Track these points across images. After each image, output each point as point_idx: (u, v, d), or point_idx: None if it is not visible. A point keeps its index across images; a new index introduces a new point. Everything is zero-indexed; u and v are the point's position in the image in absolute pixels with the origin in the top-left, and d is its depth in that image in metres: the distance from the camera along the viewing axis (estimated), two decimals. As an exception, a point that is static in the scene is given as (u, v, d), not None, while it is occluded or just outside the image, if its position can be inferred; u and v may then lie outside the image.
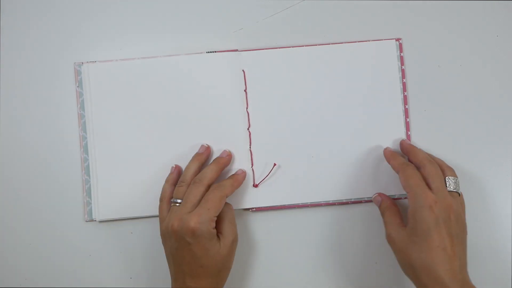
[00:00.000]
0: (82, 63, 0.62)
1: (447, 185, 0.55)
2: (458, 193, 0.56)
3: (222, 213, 0.58)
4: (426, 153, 0.59)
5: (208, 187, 0.57)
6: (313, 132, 0.62)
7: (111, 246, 0.63)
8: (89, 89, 0.62)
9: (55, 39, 0.64)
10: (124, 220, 0.63)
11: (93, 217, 0.62)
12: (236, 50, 0.62)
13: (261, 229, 0.62)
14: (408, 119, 0.62)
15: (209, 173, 0.58)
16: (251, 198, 0.61)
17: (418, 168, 0.56)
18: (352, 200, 0.62)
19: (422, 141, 0.62)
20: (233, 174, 0.60)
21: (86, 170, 0.62)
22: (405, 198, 0.62)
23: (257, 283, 0.63)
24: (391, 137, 0.62)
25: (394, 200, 0.60)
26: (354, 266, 0.62)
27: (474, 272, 0.53)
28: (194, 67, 0.62)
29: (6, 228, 0.63)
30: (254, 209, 0.62)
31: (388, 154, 0.60)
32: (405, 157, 0.60)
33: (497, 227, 0.62)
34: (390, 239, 0.55)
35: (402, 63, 0.62)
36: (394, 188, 0.61)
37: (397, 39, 0.63)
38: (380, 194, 0.60)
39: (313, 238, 0.63)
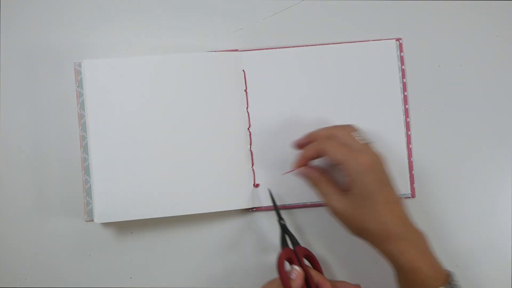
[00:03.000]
0: (82, 63, 0.62)
1: (356, 139, 0.54)
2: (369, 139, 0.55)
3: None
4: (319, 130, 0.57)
5: None
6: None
7: (111, 246, 0.63)
8: (89, 89, 0.62)
9: (55, 39, 0.64)
10: (124, 220, 0.62)
11: (93, 217, 0.62)
12: (236, 50, 0.62)
13: (261, 229, 0.62)
14: (408, 119, 0.62)
15: None
16: (251, 197, 0.61)
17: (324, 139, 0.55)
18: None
19: (422, 141, 0.62)
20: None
21: (86, 170, 0.62)
22: (406, 197, 0.62)
23: (257, 283, 0.63)
24: (391, 137, 0.62)
25: (321, 168, 0.57)
26: (354, 266, 0.62)
27: (474, 272, 0.53)
28: (194, 66, 0.62)
29: (6, 228, 0.63)
30: (254, 209, 0.62)
31: (301, 144, 0.57)
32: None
33: (497, 227, 0.62)
34: (335, 210, 0.53)
35: (402, 63, 0.62)
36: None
37: (397, 39, 0.63)
38: (305, 167, 0.56)
39: (313, 238, 0.63)
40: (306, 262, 0.56)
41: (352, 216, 0.52)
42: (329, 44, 0.63)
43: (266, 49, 0.62)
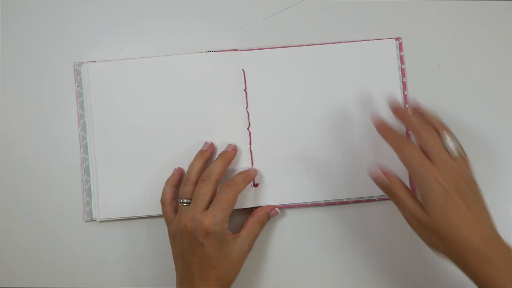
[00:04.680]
0: (82, 63, 0.63)
1: (446, 146, 0.53)
2: (462, 154, 0.53)
3: (254, 224, 0.58)
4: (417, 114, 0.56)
5: (217, 183, 0.57)
6: (313, 131, 0.62)
7: (111, 246, 0.63)
8: (89, 89, 0.62)
9: (55, 39, 0.64)
10: (124, 220, 0.63)
11: (93, 217, 0.62)
12: (236, 50, 0.62)
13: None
14: (408, 119, 0.62)
15: (216, 168, 0.57)
16: (251, 197, 0.61)
17: (412, 133, 0.54)
18: (352, 200, 0.61)
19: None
20: (243, 170, 0.60)
21: (86, 170, 0.62)
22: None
23: (256, 283, 0.63)
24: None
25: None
26: (354, 266, 0.62)
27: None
28: (194, 66, 0.62)
29: (6, 228, 0.63)
30: (254, 209, 0.62)
31: (382, 130, 0.55)
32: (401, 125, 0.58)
33: (496, 227, 0.62)
34: (421, 224, 0.51)
35: (402, 63, 0.62)
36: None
37: (397, 38, 0.63)
38: (383, 171, 0.53)
39: (313, 237, 0.62)
40: None
41: (430, 227, 0.50)
42: (329, 43, 0.63)
43: (266, 48, 0.62)
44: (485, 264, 0.48)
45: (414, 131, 0.53)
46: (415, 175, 0.51)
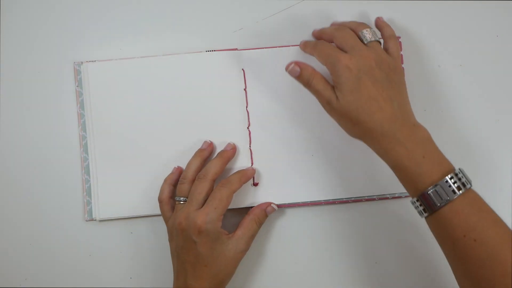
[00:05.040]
0: (82, 62, 0.63)
1: (362, 39, 0.54)
2: (378, 41, 0.55)
3: (250, 223, 0.58)
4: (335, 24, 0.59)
5: (213, 182, 0.57)
6: (313, 131, 0.62)
7: (111, 246, 0.63)
8: (89, 89, 0.62)
9: (55, 38, 0.64)
10: (124, 220, 0.63)
11: (93, 216, 0.62)
12: (236, 49, 0.62)
13: (260, 228, 0.62)
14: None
15: (213, 167, 0.58)
16: (250, 197, 0.61)
17: (331, 41, 0.56)
18: (352, 199, 0.61)
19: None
20: (240, 169, 0.60)
21: (86, 169, 0.62)
22: (406, 196, 0.61)
23: (256, 282, 0.63)
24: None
25: None
26: (354, 266, 0.62)
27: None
28: (193, 66, 0.62)
29: (6, 228, 0.63)
30: (254, 208, 0.62)
31: (303, 47, 0.58)
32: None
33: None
34: (332, 107, 0.53)
35: (402, 62, 0.62)
36: (394, 187, 0.61)
37: (397, 38, 0.63)
38: (296, 63, 0.55)
39: (313, 237, 0.62)
40: None
41: (345, 112, 0.52)
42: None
43: (265, 48, 0.62)
44: (392, 144, 0.50)
45: (330, 35, 0.56)
46: (327, 64, 0.53)
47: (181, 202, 0.57)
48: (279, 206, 0.61)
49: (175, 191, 0.59)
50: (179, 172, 0.60)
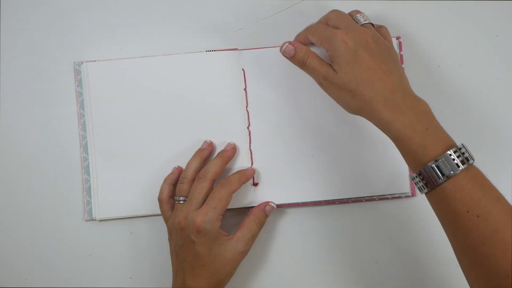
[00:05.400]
0: (82, 62, 0.63)
1: (357, 22, 0.54)
2: (371, 23, 0.55)
3: (249, 224, 0.58)
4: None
5: (213, 182, 0.57)
6: (313, 131, 0.62)
7: (111, 246, 0.63)
8: (89, 89, 0.62)
9: (55, 38, 0.64)
10: (124, 220, 0.63)
11: (93, 216, 0.62)
12: (236, 49, 0.62)
13: (261, 229, 0.62)
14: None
15: (213, 167, 0.58)
16: (250, 197, 0.61)
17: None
18: (352, 199, 0.61)
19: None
20: (240, 170, 0.60)
21: (86, 169, 0.62)
22: (406, 196, 0.61)
23: (256, 282, 0.63)
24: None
25: None
26: (354, 266, 0.62)
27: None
28: (193, 66, 0.62)
29: (6, 228, 0.63)
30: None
31: (296, 39, 0.58)
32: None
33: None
34: (329, 81, 0.52)
35: (402, 62, 0.62)
36: (394, 187, 0.61)
37: (397, 38, 0.63)
38: (290, 42, 0.55)
39: (313, 237, 0.62)
40: None
41: (343, 86, 0.51)
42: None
43: (265, 47, 0.62)
44: (395, 114, 0.49)
45: (324, 18, 0.55)
46: (323, 40, 0.52)
47: (181, 202, 0.57)
48: (279, 206, 0.61)
49: (175, 191, 0.59)
50: (179, 172, 0.60)
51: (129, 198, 0.62)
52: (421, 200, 0.62)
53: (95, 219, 0.62)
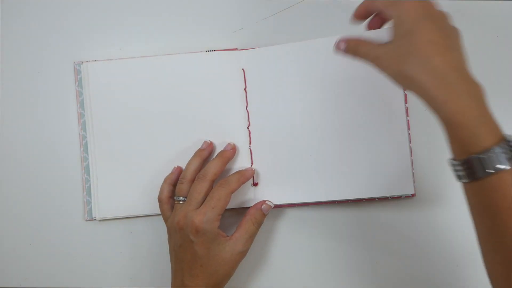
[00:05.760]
0: (82, 62, 0.63)
1: None
2: None
3: (247, 224, 0.58)
4: None
5: (213, 182, 0.57)
6: (313, 131, 0.61)
7: (111, 246, 0.63)
8: (89, 88, 0.62)
9: (55, 38, 0.64)
10: (124, 220, 0.63)
11: (93, 216, 0.62)
12: (236, 49, 0.62)
13: (260, 228, 0.62)
14: (408, 118, 0.62)
15: (212, 167, 0.58)
16: (250, 197, 0.61)
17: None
18: (352, 200, 0.61)
19: (422, 140, 0.62)
20: (240, 170, 0.60)
21: (86, 169, 0.62)
22: (406, 197, 0.61)
23: (255, 282, 0.63)
24: (392, 136, 0.61)
25: None
26: (354, 266, 0.62)
27: (474, 271, 0.53)
28: (193, 66, 0.62)
29: (6, 228, 0.63)
30: (253, 209, 0.62)
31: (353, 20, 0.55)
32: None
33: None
34: (378, 57, 0.49)
35: (402, 63, 0.62)
36: (394, 188, 0.61)
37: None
38: (341, 40, 0.53)
39: (313, 237, 0.62)
40: None
41: (396, 58, 0.47)
42: (330, 37, 0.62)
43: (265, 47, 0.62)
44: (453, 95, 0.44)
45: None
46: (387, 4, 0.49)
47: (181, 202, 0.57)
48: (279, 206, 0.61)
49: (175, 191, 0.59)
50: (179, 172, 0.60)
51: (129, 198, 0.62)
52: (421, 199, 0.62)
53: (95, 219, 0.62)
